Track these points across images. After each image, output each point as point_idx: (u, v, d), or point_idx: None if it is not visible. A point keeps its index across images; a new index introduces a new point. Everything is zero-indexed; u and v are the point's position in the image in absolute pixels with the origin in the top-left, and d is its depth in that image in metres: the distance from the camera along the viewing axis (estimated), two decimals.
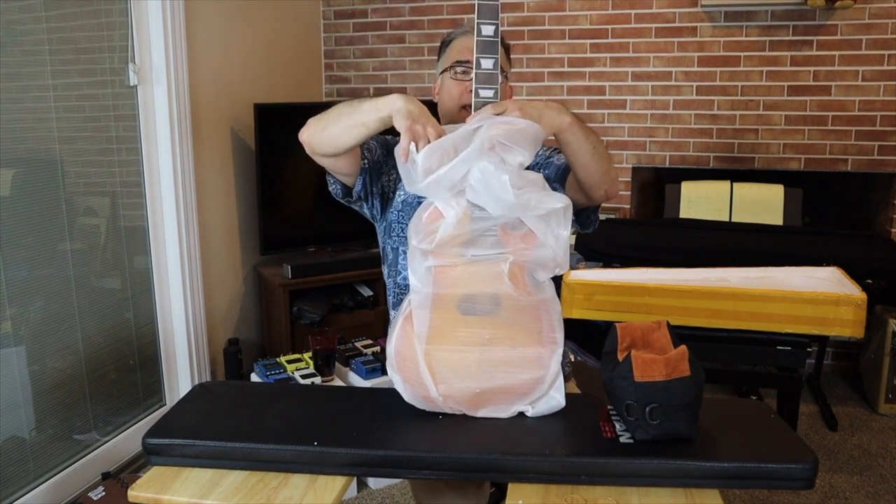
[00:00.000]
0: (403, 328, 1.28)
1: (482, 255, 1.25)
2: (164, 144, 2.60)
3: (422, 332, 1.27)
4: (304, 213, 3.31)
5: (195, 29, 2.73)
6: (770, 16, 3.22)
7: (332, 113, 1.36)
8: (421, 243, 1.25)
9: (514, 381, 1.26)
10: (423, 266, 1.27)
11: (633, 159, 3.49)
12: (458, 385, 1.26)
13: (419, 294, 1.28)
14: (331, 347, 2.54)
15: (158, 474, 1.22)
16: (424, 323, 1.27)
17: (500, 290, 1.25)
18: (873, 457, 2.67)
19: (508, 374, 1.26)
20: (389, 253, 1.60)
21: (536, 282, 1.28)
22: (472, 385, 1.26)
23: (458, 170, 1.21)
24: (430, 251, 1.25)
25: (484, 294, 1.25)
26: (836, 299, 2.19)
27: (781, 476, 1.15)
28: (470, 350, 1.26)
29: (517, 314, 1.26)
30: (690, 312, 2.31)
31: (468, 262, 1.26)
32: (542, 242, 1.25)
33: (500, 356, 1.26)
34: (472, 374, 1.26)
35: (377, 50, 3.75)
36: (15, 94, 2.08)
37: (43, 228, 2.19)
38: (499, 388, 1.27)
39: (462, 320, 1.26)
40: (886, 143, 3.19)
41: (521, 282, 1.26)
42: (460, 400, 1.28)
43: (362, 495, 2.46)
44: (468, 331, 1.26)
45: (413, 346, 1.27)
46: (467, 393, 1.27)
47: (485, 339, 1.25)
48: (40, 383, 2.18)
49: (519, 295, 1.25)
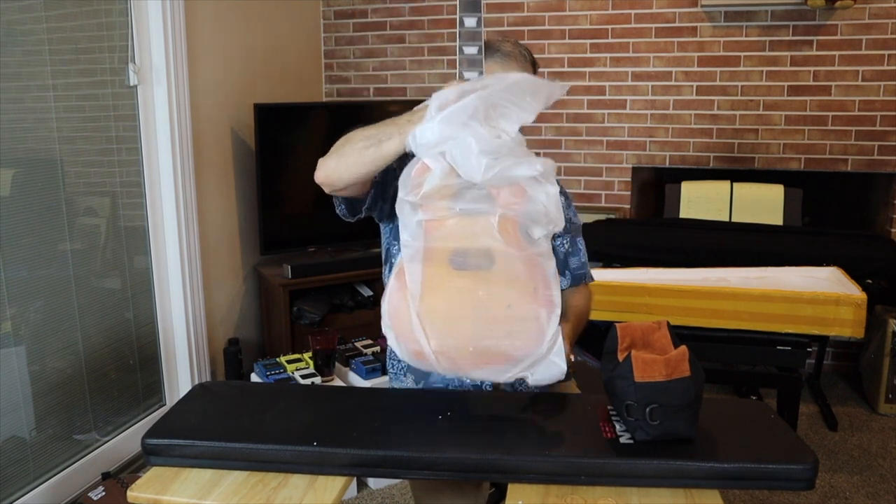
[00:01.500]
0: (396, 283, 1.25)
1: (471, 209, 1.23)
2: (164, 144, 2.60)
3: (414, 286, 1.23)
4: (304, 213, 3.31)
5: (195, 29, 2.73)
6: (770, 16, 3.22)
7: (345, 149, 1.32)
8: (408, 195, 1.24)
9: (510, 343, 1.22)
10: (413, 220, 1.25)
11: (633, 159, 3.49)
12: (452, 342, 1.22)
13: (410, 248, 1.25)
14: (331, 347, 2.54)
15: (158, 474, 1.22)
16: (417, 277, 1.23)
17: (492, 245, 1.22)
18: (873, 457, 2.67)
19: (504, 333, 1.22)
20: (396, 254, 1.59)
21: (531, 238, 1.25)
22: (466, 343, 1.22)
23: (469, 106, 1.18)
24: (418, 204, 1.23)
25: (475, 248, 1.22)
26: (836, 299, 2.19)
27: (781, 476, 1.15)
28: (463, 307, 1.22)
29: (511, 270, 1.22)
30: (690, 312, 2.31)
31: (458, 215, 1.23)
32: (531, 197, 1.23)
33: (494, 314, 1.22)
34: (466, 332, 1.22)
35: (377, 50, 3.75)
36: (15, 94, 2.08)
37: (43, 228, 2.19)
38: (494, 349, 1.22)
39: (455, 275, 1.23)
40: (886, 143, 3.19)
41: (513, 237, 1.23)
42: (454, 358, 1.23)
43: (362, 495, 2.46)
44: (461, 286, 1.23)
45: (406, 300, 1.23)
46: (461, 352, 1.23)
47: (479, 297, 1.22)
48: (40, 383, 2.18)
49: (511, 249, 1.22)
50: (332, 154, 1.34)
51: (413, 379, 1.60)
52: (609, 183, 3.53)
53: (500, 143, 1.21)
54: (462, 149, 1.20)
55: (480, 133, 1.19)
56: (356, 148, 1.30)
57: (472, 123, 1.19)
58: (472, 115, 1.19)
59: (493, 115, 1.21)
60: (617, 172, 3.52)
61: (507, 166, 1.20)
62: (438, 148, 1.21)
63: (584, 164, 3.54)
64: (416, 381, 1.59)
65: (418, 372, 1.57)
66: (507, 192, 1.23)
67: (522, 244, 1.23)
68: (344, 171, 1.32)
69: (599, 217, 3.37)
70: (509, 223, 1.23)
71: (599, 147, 3.52)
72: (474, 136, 1.19)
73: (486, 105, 1.20)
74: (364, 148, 1.29)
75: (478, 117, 1.19)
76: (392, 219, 1.59)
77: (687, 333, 2.17)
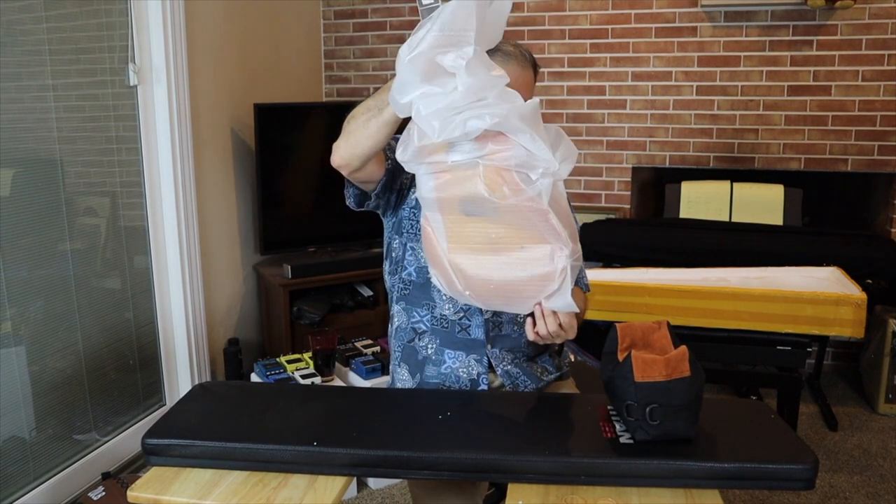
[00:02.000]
0: (425, 232, 1.32)
1: (462, 161, 1.24)
2: (164, 144, 2.60)
3: (439, 232, 1.30)
4: (304, 213, 3.31)
5: (195, 29, 2.73)
6: (770, 16, 3.22)
7: (351, 126, 1.35)
8: (403, 154, 1.26)
9: (528, 279, 1.27)
10: (420, 173, 1.28)
11: (633, 159, 3.49)
12: (477, 282, 1.29)
13: (425, 200, 1.30)
14: (331, 347, 2.54)
15: (158, 474, 1.22)
16: (439, 224, 1.29)
17: (484, 193, 1.23)
18: (873, 457, 2.67)
19: (520, 271, 1.27)
20: (397, 248, 1.60)
21: (529, 181, 1.23)
22: (488, 280, 1.28)
23: (421, 59, 1.17)
24: (415, 161, 1.25)
25: (474, 196, 1.24)
26: (836, 299, 2.19)
27: (781, 476, 1.15)
28: (482, 248, 1.27)
29: (512, 215, 1.25)
30: (690, 312, 2.31)
31: (451, 168, 1.24)
32: (514, 144, 1.21)
33: (508, 254, 1.27)
34: (487, 270, 1.28)
35: (377, 50, 3.75)
36: (15, 94, 2.08)
37: (43, 228, 2.18)
38: (513, 285, 1.28)
39: (468, 220, 1.27)
40: (886, 143, 3.19)
41: (505, 183, 1.22)
42: (480, 294, 1.30)
43: (362, 495, 2.46)
44: (475, 229, 1.27)
45: (436, 245, 1.31)
46: (484, 289, 1.29)
47: (492, 238, 1.26)
48: (40, 383, 2.18)
49: (498, 198, 1.22)
50: (342, 135, 1.37)
51: (408, 370, 1.61)
52: (609, 183, 3.53)
53: (451, 101, 1.17)
54: (416, 114, 1.19)
55: (429, 92, 1.18)
56: (360, 122, 1.33)
57: (428, 77, 1.18)
58: (427, 69, 1.17)
59: (448, 56, 1.18)
60: (617, 172, 3.52)
61: (461, 121, 1.18)
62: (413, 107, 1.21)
63: (584, 164, 3.54)
64: (412, 374, 1.60)
65: (412, 362, 1.60)
66: (492, 142, 1.22)
67: (517, 190, 1.23)
68: (356, 147, 1.35)
69: (599, 217, 3.37)
70: (497, 171, 1.23)
71: (599, 147, 3.52)
72: (422, 100, 1.18)
73: (437, 47, 1.17)
74: (367, 120, 1.31)
75: (434, 69, 1.17)
76: (395, 212, 1.59)
77: (687, 333, 2.17)
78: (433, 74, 1.18)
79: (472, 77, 1.17)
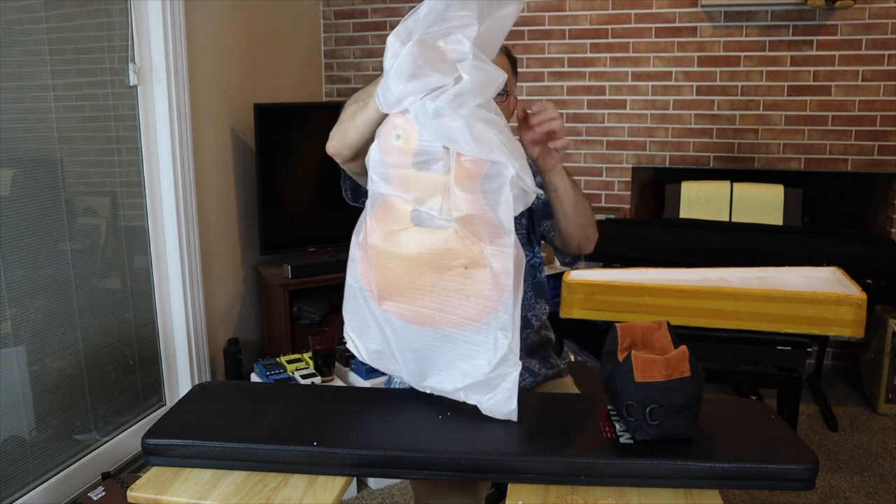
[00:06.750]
0: (370, 222, 1.27)
1: (427, 164, 1.20)
2: (164, 144, 2.60)
3: (373, 230, 1.25)
4: (304, 213, 3.31)
5: (195, 29, 2.73)
6: (770, 16, 3.22)
7: (343, 115, 1.36)
8: (372, 149, 1.25)
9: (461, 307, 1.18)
10: (379, 168, 1.25)
11: (632, 159, 3.49)
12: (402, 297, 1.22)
13: (374, 195, 1.26)
14: (331, 347, 2.54)
15: (158, 475, 1.21)
16: (376, 226, 1.25)
17: (445, 204, 1.19)
18: (873, 457, 2.67)
19: (456, 295, 1.18)
20: None
21: (495, 198, 1.17)
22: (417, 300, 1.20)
23: (407, 59, 1.18)
24: (383, 159, 1.23)
25: (431, 204, 1.20)
26: (836, 299, 2.19)
27: (781, 476, 1.14)
28: (421, 259, 1.20)
29: (468, 230, 1.17)
30: (690, 312, 2.31)
31: (414, 168, 1.20)
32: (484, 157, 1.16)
33: (449, 273, 1.19)
34: (420, 289, 1.21)
35: (377, 50, 3.75)
36: (15, 94, 2.08)
37: (43, 228, 2.18)
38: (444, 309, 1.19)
39: (413, 230, 1.21)
40: (886, 143, 3.19)
41: (470, 188, 1.16)
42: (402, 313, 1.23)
43: (362, 495, 2.46)
44: (418, 239, 1.21)
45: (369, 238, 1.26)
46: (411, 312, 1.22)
47: (434, 250, 1.19)
48: (40, 383, 2.18)
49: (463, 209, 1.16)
50: (336, 123, 1.38)
51: None
52: (609, 183, 3.53)
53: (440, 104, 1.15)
54: (415, 113, 1.18)
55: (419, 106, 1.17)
56: (349, 113, 1.33)
57: (418, 77, 1.17)
58: (413, 69, 1.17)
59: (435, 56, 1.18)
60: (617, 172, 3.52)
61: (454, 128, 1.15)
62: (399, 107, 1.21)
63: (584, 164, 3.54)
64: None
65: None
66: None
67: (479, 202, 1.17)
68: (345, 137, 1.35)
69: (599, 217, 3.37)
70: (468, 176, 1.17)
71: (599, 147, 3.52)
72: (418, 108, 1.17)
73: (423, 48, 1.16)
74: (354, 112, 1.31)
75: (422, 69, 1.16)
76: None
77: (687, 333, 2.16)
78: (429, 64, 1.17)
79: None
